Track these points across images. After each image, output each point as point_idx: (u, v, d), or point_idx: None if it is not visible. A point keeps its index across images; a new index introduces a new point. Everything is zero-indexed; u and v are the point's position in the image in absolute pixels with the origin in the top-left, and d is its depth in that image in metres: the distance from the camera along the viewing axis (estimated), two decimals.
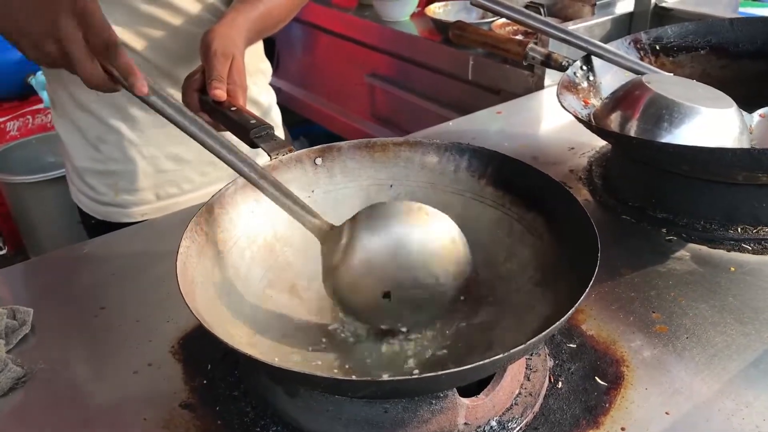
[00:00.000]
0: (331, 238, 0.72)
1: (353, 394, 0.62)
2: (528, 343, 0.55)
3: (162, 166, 1.19)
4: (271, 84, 1.33)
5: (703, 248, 0.93)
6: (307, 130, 2.65)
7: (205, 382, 0.74)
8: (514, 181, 0.81)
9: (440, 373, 0.53)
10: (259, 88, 1.25)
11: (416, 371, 0.68)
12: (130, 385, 0.74)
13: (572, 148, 1.20)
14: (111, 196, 1.20)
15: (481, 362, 0.54)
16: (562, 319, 0.58)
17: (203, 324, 0.59)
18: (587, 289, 0.60)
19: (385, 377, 0.65)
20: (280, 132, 1.34)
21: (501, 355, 0.54)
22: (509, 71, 1.58)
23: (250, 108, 1.21)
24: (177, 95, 1.07)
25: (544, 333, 0.56)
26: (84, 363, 0.77)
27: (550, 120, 1.32)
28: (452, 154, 0.85)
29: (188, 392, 0.73)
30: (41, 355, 0.77)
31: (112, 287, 0.89)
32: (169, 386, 0.73)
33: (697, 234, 0.95)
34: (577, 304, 0.59)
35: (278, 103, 1.35)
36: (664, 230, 0.96)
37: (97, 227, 1.23)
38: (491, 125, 1.32)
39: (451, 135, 1.27)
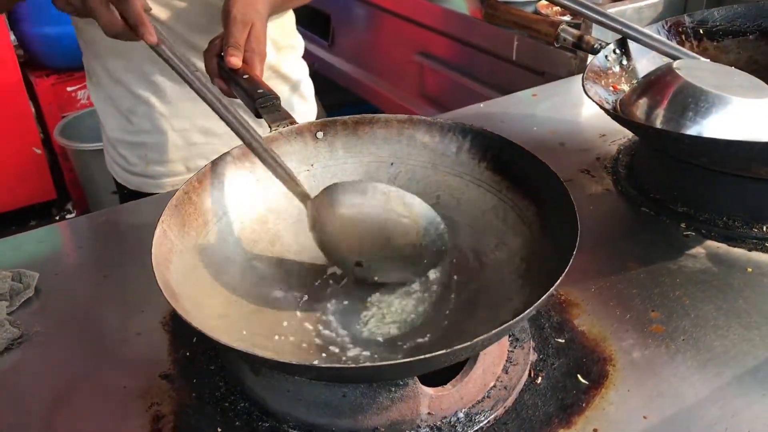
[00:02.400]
0: (311, 205, 0.73)
1: (297, 375, 0.62)
2: (474, 341, 0.54)
3: (192, 138, 1.21)
4: (325, 60, 1.32)
5: (722, 246, 0.88)
6: (364, 108, 2.65)
7: (188, 354, 0.75)
8: (512, 166, 0.78)
9: (382, 364, 0.53)
10: (288, 63, 1.25)
11: (375, 354, 0.67)
12: (117, 354, 0.76)
13: (603, 135, 1.16)
14: (142, 167, 1.23)
15: (422, 357, 0.53)
16: (513, 321, 0.56)
17: (163, 293, 0.60)
18: (545, 295, 0.58)
19: (322, 363, 0.65)
20: (312, 106, 1.34)
21: (445, 351, 0.53)
22: (553, 52, 1.53)
23: (278, 82, 1.23)
24: (200, 64, 1.09)
25: (485, 335, 0.54)
26: (77, 329, 0.79)
27: (586, 104, 1.27)
28: (455, 135, 0.83)
29: (170, 363, 0.74)
30: (40, 318, 0.81)
31: (119, 256, 0.92)
32: (153, 356, 0.75)
33: (718, 231, 0.90)
34: (528, 310, 0.57)
35: (331, 80, 1.34)
36: (683, 225, 0.92)
37: (130, 197, 1.26)
38: (524, 108, 1.29)
39: (479, 117, 1.24)
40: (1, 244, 0.95)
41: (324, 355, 0.68)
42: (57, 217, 3.01)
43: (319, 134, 0.84)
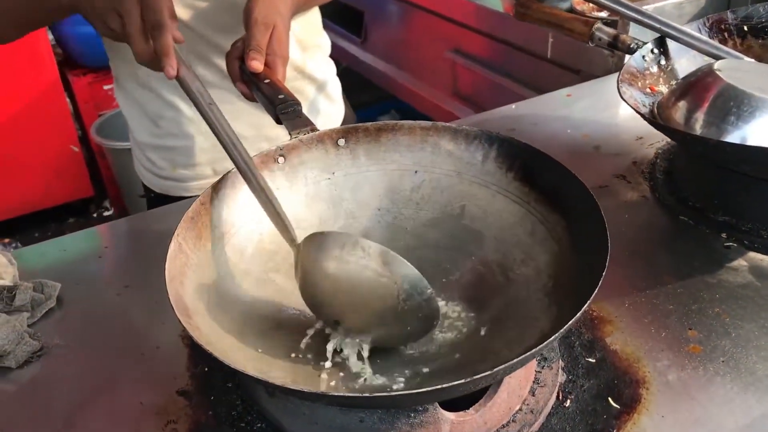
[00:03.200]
0: (296, 253, 0.69)
1: (309, 401, 0.59)
2: (495, 370, 0.51)
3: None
4: (357, 57, 1.30)
5: (765, 259, 0.83)
6: (398, 106, 2.62)
7: (206, 369, 0.74)
8: (541, 177, 0.75)
9: (396, 393, 0.50)
10: (315, 63, 1.23)
11: (402, 379, 0.64)
12: (135, 368, 0.75)
13: (640, 138, 1.11)
14: (169, 171, 1.22)
15: (440, 386, 0.50)
16: (539, 347, 0.53)
17: (175, 312, 0.58)
18: (579, 314, 0.54)
19: (335, 390, 0.62)
20: (339, 107, 1.32)
21: (463, 381, 0.50)
22: (589, 50, 1.47)
23: (304, 83, 1.21)
24: (222, 65, 1.08)
25: (508, 363, 0.51)
26: (97, 341, 0.79)
27: (623, 105, 1.22)
28: (481, 143, 0.79)
29: (188, 379, 0.73)
30: (60, 330, 0.80)
31: (142, 265, 0.91)
32: (171, 371, 0.74)
33: (761, 242, 0.85)
34: (554, 336, 0.54)
35: (362, 77, 1.31)
36: (723, 235, 0.87)
37: (157, 200, 1.26)
38: (558, 109, 1.24)
39: (511, 119, 1.21)
40: (25, 251, 0.95)
41: (342, 375, 0.65)
42: (95, 215, 3.05)
43: (341, 141, 0.81)
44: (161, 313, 0.81)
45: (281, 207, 0.71)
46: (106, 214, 3.04)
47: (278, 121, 0.82)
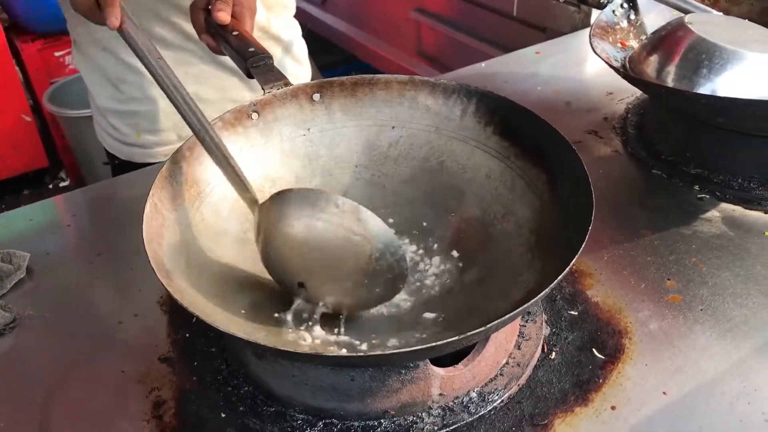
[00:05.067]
0: (258, 211, 0.66)
1: (301, 362, 0.59)
2: (487, 326, 0.51)
3: None
4: (319, 18, 1.27)
5: (738, 209, 0.84)
6: (361, 67, 2.58)
7: (187, 335, 0.72)
8: (521, 131, 0.74)
9: (389, 352, 0.50)
10: (280, 23, 1.20)
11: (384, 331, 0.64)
12: (114, 337, 0.73)
13: (610, 93, 1.12)
14: (133, 137, 1.19)
15: (433, 344, 0.50)
16: (529, 303, 0.53)
17: (156, 274, 0.56)
18: (567, 268, 0.54)
19: (333, 351, 0.61)
20: (306, 68, 1.29)
21: (456, 338, 0.50)
22: (555, 7, 1.47)
23: (270, 43, 1.18)
24: (183, 24, 1.04)
25: (498, 320, 0.51)
26: (71, 311, 0.76)
27: (592, 61, 1.22)
28: (459, 97, 0.78)
29: (169, 345, 0.71)
30: (32, 301, 0.77)
31: (112, 232, 0.88)
32: (152, 338, 0.72)
33: (733, 193, 0.86)
34: (544, 291, 0.53)
35: (325, 40, 1.29)
36: (696, 187, 0.88)
37: (122, 167, 1.22)
38: (527, 67, 1.24)
39: (480, 77, 1.20)
40: None
41: (328, 331, 0.65)
42: (50, 186, 2.97)
43: (316, 96, 0.79)
44: (137, 280, 0.79)
45: (238, 164, 0.67)
46: (62, 184, 2.96)
47: (249, 75, 0.79)
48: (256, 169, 0.76)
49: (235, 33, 0.82)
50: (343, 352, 0.61)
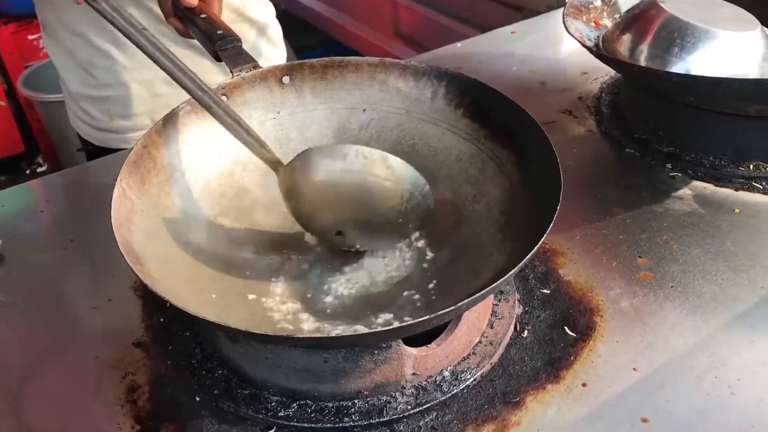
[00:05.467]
0: (284, 171, 0.68)
1: (273, 344, 0.59)
2: (458, 305, 0.51)
3: (156, 89, 1.16)
4: None
5: (709, 187, 0.85)
6: (338, 49, 2.57)
7: (162, 320, 0.72)
8: (491, 113, 0.74)
9: (361, 332, 0.51)
10: (254, 4, 1.19)
11: (357, 313, 0.64)
12: (87, 322, 0.73)
13: (585, 73, 1.12)
14: (106, 122, 1.17)
15: (403, 324, 0.50)
16: (497, 282, 0.53)
17: (125, 259, 0.56)
18: (535, 247, 0.55)
19: (305, 333, 0.62)
20: (281, 50, 1.28)
21: (427, 317, 0.50)
22: None
23: (243, 26, 1.17)
24: (154, 7, 1.02)
25: (469, 299, 0.51)
26: (44, 297, 0.76)
27: (567, 41, 1.22)
28: (430, 79, 0.78)
29: (143, 330, 0.71)
30: (4, 287, 0.77)
31: (86, 218, 0.87)
32: (126, 323, 0.72)
33: (704, 171, 0.87)
34: (513, 271, 0.54)
35: (301, 20, 1.28)
36: (668, 165, 0.89)
37: (96, 154, 1.21)
38: (503, 47, 1.24)
39: (456, 57, 1.20)
40: None
41: (301, 314, 0.65)
42: (27, 171, 2.93)
43: (285, 79, 0.79)
44: (110, 266, 0.79)
45: (251, 127, 0.69)
46: (39, 170, 2.93)
47: (217, 58, 0.78)
48: (225, 153, 0.75)
49: (203, 16, 0.81)
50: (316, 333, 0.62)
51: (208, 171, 0.74)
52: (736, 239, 0.77)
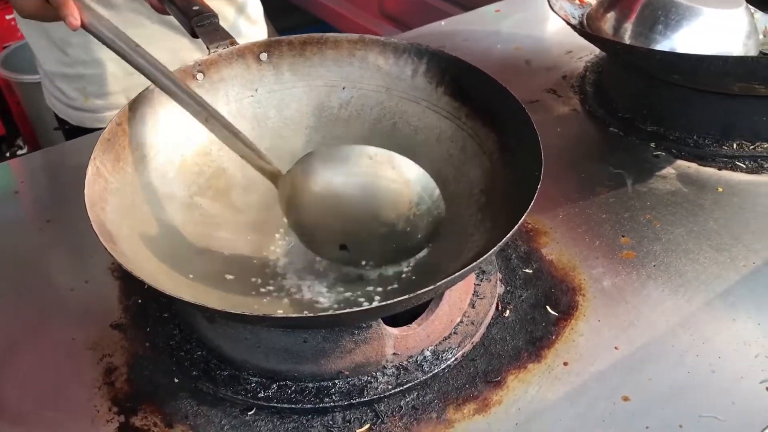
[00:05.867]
0: (283, 182, 0.66)
1: (251, 324, 0.58)
2: (437, 284, 0.50)
3: (132, 68, 1.13)
4: None
5: (692, 166, 0.85)
6: (324, 29, 2.54)
7: (139, 301, 0.71)
8: (472, 92, 0.73)
9: (339, 312, 0.50)
10: None
11: (336, 290, 0.64)
12: (64, 304, 0.71)
13: (570, 52, 1.11)
14: (81, 101, 1.15)
15: (382, 303, 0.49)
16: (475, 263, 0.52)
17: (99, 238, 0.55)
18: (515, 228, 0.54)
19: (277, 313, 0.61)
20: (261, 28, 1.26)
21: (406, 297, 0.49)
22: None
23: (222, 3, 1.14)
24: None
25: (447, 279, 0.51)
26: (20, 280, 0.74)
27: (551, 20, 1.21)
28: (410, 57, 0.77)
29: (121, 312, 0.70)
30: None
31: (62, 199, 0.86)
32: (103, 305, 0.71)
33: (688, 150, 0.87)
34: (490, 252, 0.53)
35: None
36: (652, 144, 0.89)
37: (73, 133, 1.19)
38: (487, 25, 1.23)
39: (440, 35, 1.18)
40: None
41: (280, 294, 0.64)
42: (8, 154, 2.89)
43: (263, 56, 0.78)
44: (88, 247, 0.77)
45: (248, 139, 0.66)
46: (20, 153, 2.88)
47: (194, 35, 0.76)
48: (201, 132, 0.74)
49: None
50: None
51: (185, 149, 0.73)
52: (719, 218, 0.77)
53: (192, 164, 0.73)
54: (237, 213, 0.72)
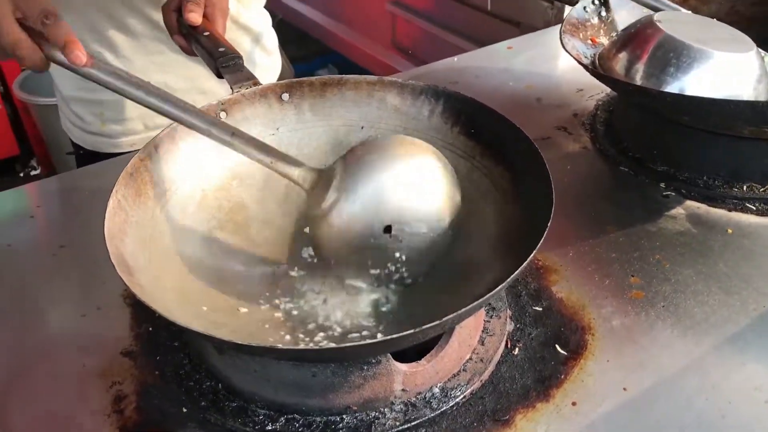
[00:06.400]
0: (318, 183, 0.67)
1: (259, 355, 0.59)
2: (444, 319, 0.51)
3: None
4: (294, 8, 1.25)
5: (702, 207, 0.85)
6: (336, 59, 2.57)
7: (150, 329, 0.72)
8: (485, 131, 0.74)
9: (346, 345, 0.50)
10: (250, 13, 1.19)
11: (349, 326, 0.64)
12: (75, 330, 0.72)
13: (581, 90, 1.12)
14: (98, 126, 1.17)
15: (389, 337, 0.50)
16: (483, 299, 0.53)
17: (117, 270, 0.56)
18: (523, 265, 0.54)
19: (285, 344, 0.61)
20: (276, 59, 1.28)
21: (412, 331, 0.50)
22: (529, 2, 1.47)
23: (239, 34, 1.17)
24: (154, 15, 1.03)
25: (455, 313, 0.51)
26: (33, 305, 0.75)
27: (563, 57, 1.22)
28: (427, 98, 0.78)
29: (132, 339, 0.71)
30: None
31: (77, 224, 0.87)
32: (114, 332, 0.71)
33: (698, 191, 0.87)
34: (499, 287, 0.54)
35: (299, 30, 1.28)
36: (662, 185, 0.89)
37: (86, 158, 1.21)
38: (499, 62, 1.24)
39: (453, 71, 1.20)
40: None
41: (293, 329, 0.64)
42: (21, 174, 2.92)
43: (285, 96, 0.79)
44: (101, 273, 0.78)
45: (274, 148, 0.68)
46: (33, 173, 2.92)
47: (219, 75, 0.79)
48: (222, 167, 0.75)
49: (206, 34, 0.81)
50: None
51: (205, 184, 0.74)
52: (728, 260, 0.77)
53: (212, 199, 0.74)
54: (254, 247, 0.73)
